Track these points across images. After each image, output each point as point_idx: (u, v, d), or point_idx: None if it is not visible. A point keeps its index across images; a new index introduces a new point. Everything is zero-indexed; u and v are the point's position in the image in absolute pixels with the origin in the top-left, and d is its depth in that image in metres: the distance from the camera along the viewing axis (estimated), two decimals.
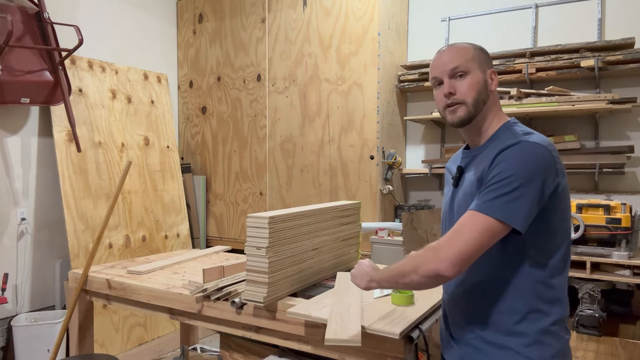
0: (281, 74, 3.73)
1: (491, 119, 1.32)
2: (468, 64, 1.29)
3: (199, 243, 4.10)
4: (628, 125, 3.02)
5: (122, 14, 3.76)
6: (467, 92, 1.28)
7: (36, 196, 3.20)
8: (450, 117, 1.31)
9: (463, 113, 1.29)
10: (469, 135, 1.36)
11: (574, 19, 3.15)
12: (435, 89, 1.34)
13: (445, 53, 1.33)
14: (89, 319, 2.42)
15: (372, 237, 3.21)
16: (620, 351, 2.51)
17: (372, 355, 1.56)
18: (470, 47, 1.32)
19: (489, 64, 1.33)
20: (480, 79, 1.29)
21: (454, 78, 1.29)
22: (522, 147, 1.19)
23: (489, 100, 1.32)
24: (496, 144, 1.26)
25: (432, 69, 1.34)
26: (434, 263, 1.16)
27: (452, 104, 1.29)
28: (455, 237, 1.17)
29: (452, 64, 1.29)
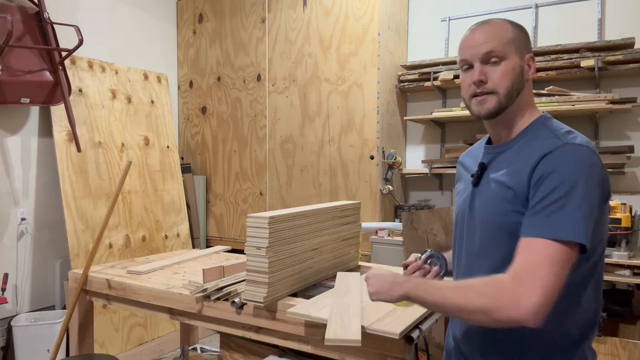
0: (281, 74, 3.73)
1: (523, 112, 1.15)
2: (505, 47, 1.11)
3: (199, 243, 4.10)
4: (628, 125, 3.02)
5: (122, 14, 3.76)
6: (500, 80, 1.11)
7: (36, 196, 3.20)
8: (476, 108, 1.14)
9: (492, 105, 1.12)
10: (495, 129, 1.19)
11: (574, 19, 3.15)
12: (462, 72, 1.17)
13: (478, 31, 1.13)
14: (89, 319, 2.42)
15: (372, 237, 3.21)
16: (620, 351, 2.51)
17: (372, 355, 1.56)
18: (509, 27, 1.13)
19: (527, 47, 1.15)
20: (517, 66, 1.12)
21: (487, 63, 1.12)
22: (573, 151, 1.03)
23: (524, 89, 1.14)
24: (530, 142, 1.11)
25: (461, 49, 1.16)
26: (515, 311, 0.96)
27: (481, 94, 1.13)
28: (532, 277, 0.97)
29: (487, 47, 1.11)
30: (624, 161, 2.84)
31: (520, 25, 1.16)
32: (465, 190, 1.26)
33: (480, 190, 1.19)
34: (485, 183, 1.18)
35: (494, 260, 1.12)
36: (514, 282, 0.98)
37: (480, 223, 1.16)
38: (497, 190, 1.13)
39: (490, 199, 1.14)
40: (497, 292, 0.99)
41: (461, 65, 1.17)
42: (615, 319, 2.73)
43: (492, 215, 1.13)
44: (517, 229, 1.07)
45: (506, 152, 1.16)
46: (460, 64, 1.17)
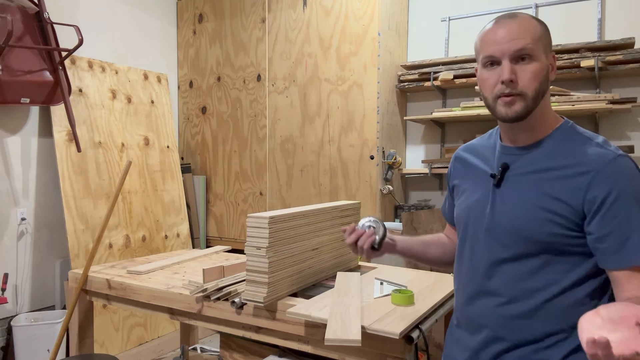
0: (281, 74, 3.73)
1: (545, 115, 1.10)
2: (535, 45, 1.03)
3: (199, 243, 4.10)
4: (628, 125, 3.02)
5: (122, 14, 3.76)
6: (530, 82, 1.03)
7: (36, 196, 3.20)
8: (504, 110, 1.06)
9: (520, 108, 1.04)
10: (516, 131, 1.12)
11: (574, 19, 3.15)
12: (485, 69, 1.08)
13: (507, 26, 1.05)
14: (89, 319, 2.42)
15: None
16: None
17: (372, 355, 1.56)
18: (536, 23, 1.06)
19: (551, 46, 1.09)
20: (545, 66, 1.05)
21: (517, 62, 1.04)
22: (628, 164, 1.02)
23: (547, 92, 1.09)
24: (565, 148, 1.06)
25: (486, 44, 1.07)
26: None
27: (510, 95, 1.04)
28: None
29: (518, 44, 1.02)
30: None
31: (545, 23, 1.10)
32: (478, 189, 1.18)
33: (503, 193, 1.12)
34: (508, 186, 1.11)
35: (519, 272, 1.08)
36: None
37: (510, 229, 1.10)
38: (533, 198, 1.06)
39: (521, 205, 1.08)
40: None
41: (485, 62, 1.08)
42: None
43: (525, 222, 1.07)
44: (552, 240, 1.04)
45: (531, 154, 1.10)
46: (484, 61, 1.08)
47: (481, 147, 1.25)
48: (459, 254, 1.26)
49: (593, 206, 1.00)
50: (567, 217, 1.03)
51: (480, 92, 1.13)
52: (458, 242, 1.27)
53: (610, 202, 0.99)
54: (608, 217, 0.99)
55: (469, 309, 1.20)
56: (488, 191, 1.15)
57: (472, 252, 1.20)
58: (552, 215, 1.03)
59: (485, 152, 1.22)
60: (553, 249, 1.05)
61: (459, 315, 1.26)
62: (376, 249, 1.34)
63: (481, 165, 1.20)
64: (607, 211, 0.99)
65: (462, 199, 1.25)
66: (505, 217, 1.10)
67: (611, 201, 0.99)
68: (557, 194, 1.03)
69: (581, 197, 1.01)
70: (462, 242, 1.25)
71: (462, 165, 1.29)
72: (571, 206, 1.02)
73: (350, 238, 1.33)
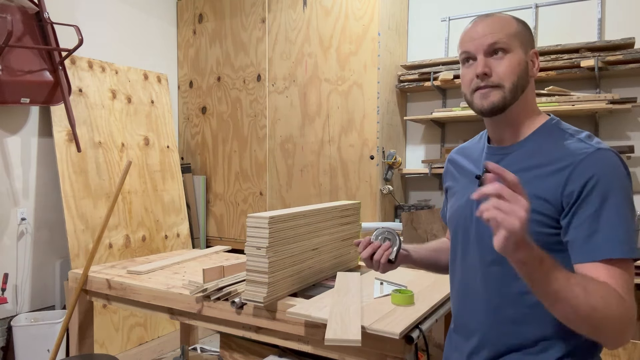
0: (281, 74, 3.73)
1: (527, 112, 1.10)
2: (510, 39, 1.05)
3: (199, 243, 4.10)
4: (628, 125, 3.02)
5: (122, 14, 3.76)
6: (505, 74, 1.04)
7: (36, 196, 3.20)
8: (479, 102, 1.07)
9: (497, 98, 1.05)
10: (499, 128, 1.12)
11: (574, 19, 3.15)
12: (463, 66, 1.11)
13: (482, 24, 1.08)
14: (89, 319, 2.42)
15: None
16: (621, 351, 2.51)
17: (372, 355, 1.56)
18: (512, 20, 1.09)
19: (531, 43, 1.10)
20: (522, 60, 1.06)
21: (491, 56, 1.06)
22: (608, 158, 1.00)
23: (528, 87, 1.09)
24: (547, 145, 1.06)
25: (462, 42, 1.10)
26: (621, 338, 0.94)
27: (485, 87, 1.06)
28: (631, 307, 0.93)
29: (491, 38, 1.05)
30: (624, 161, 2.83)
31: (524, 21, 1.12)
32: (466, 191, 1.18)
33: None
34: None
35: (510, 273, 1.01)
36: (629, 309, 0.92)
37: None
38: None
39: None
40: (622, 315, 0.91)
41: (463, 59, 1.11)
42: None
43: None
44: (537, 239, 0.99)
45: (515, 153, 1.10)
46: (462, 57, 1.11)
47: (471, 149, 1.26)
48: (452, 258, 1.25)
49: (570, 200, 0.99)
50: (549, 215, 1.01)
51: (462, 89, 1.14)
52: (451, 245, 1.26)
53: (585, 194, 0.97)
54: (581, 209, 0.97)
55: (462, 313, 1.21)
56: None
57: (463, 256, 1.19)
58: (535, 215, 1.00)
59: (474, 153, 1.22)
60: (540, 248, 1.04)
61: (454, 319, 1.26)
62: (392, 261, 1.29)
63: (470, 167, 1.20)
64: (580, 203, 0.97)
65: (452, 202, 1.25)
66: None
67: (586, 193, 0.97)
68: (539, 192, 1.02)
69: (560, 193, 1.00)
70: (454, 246, 1.24)
71: (454, 167, 1.29)
72: (552, 204, 1.01)
73: (366, 252, 1.27)
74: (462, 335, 1.20)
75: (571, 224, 0.98)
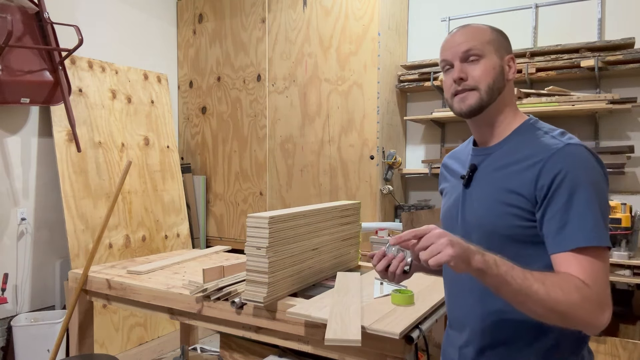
0: (281, 74, 3.73)
1: (506, 113, 1.16)
2: (483, 46, 1.13)
3: (199, 243, 4.10)
4: (628, 125, 3.02)
5: (122, 14, 3.76)
6: (480, 77, 1.12)
7: (36, 196, 3.20)
8: (458, 105, 1.15)
9: (474, 101, 1.12)
10: (480, 129, 1.20)
11: (574, 19, 3.15)
12: (444, 73, 1.19)
13: (458, 33, 1.17)
14: (89, 319, 2.42)
15: (372, 237, 3.21)
16: (620, 351, 2.51)
17: (372, 355, 1.56)
18: (487, 29, 1.17)
19: (507, 49, 1.17)
20: (497, 65, 1.13)
21: (467, 62, 1.13)
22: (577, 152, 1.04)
23: (505, 90, 1.15)
24: (524, 144, 1.12)
25: (442, 51, 1.19)
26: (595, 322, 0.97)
27: (462, 91, 1.13)
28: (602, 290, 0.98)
29: (466, 46, 1.13)
30: (624, 161, 2.84)
31: (500, 30, 1.19)
32: (454, 192, 1.25)
33: (471, 193, 1.19)
34: (476, 185, 1.18)
35: None
36: (595, 293, 0.97)
37: (476, 226, 1.15)
38: (493, 194, 1.12)
39: (485, 202, 1.14)
40: (584, 302, 0.96)
41: (442, 66, 1.19)
42: (615, 319, 2.73)
43: (489, 218, 1.12)
44: (516, 233, 1.08)
45: (496, 153, 1.16)
46: (442, 65, 1.19)
47: (461, 152, 1.32)
48: None
49: (541, 193, 1.04)
50: (525, 208, 1.07)
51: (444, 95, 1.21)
52: None
53: (554, 187, 1.03)
54: (551, 202, 1.03)
55: (453, 308, 1.27)
56: (460, 193, 1.22)
57: None
58: (512, 209, 1.08)
59: (463, 156, 1.29)
60: (518, 241, 1.09)
61: (448, 314, 1.31)
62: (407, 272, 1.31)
63: (459, 169, 1.27)
64: (551, 196, 1.03)
65: (443, 202, 1.33)
66: (472, 215, 1.17)
67: (555, 187, 1.03)
68: (514, 187, 1.08)
69: (533, 187, 1.06)
70: None
71: (446, 171, 1.36)
72: (527, 198, 1.07)
73: (381, 264, 1.27)
74: (454, 330, 1.26)
75: (544, 217, 1.04)
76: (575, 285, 0.97)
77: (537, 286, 0.95)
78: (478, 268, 0.96)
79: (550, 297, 0.95)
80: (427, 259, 0.96)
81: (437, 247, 0.95)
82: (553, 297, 0.95)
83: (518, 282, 0.95)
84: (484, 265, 0.96)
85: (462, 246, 0.96)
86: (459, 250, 0.95)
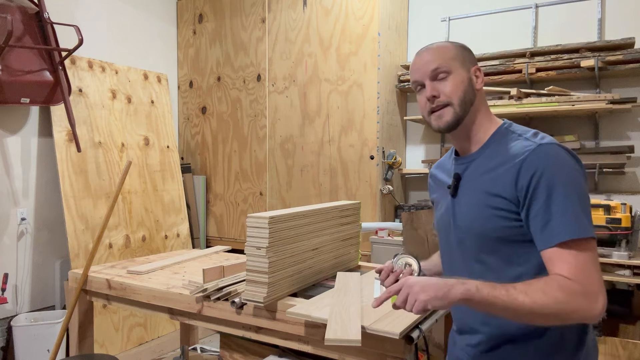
0: (281, 74, 3.73)
1: (480, 121, 1.22)
2: (449, 63, 1.18)
3: (199, 243, 4.10)
4: (628, 125, 3.02)
5: (122, 14, 3.76)
6: (451, 92, 1.17)
7: (36, 196, 3.20)
8: (436, 122, 1.20)
9: (450, 117, 1.18)
10: (458, 141, 1.26)
11: (574, 19, 3.15)
12: (417, 93, 1.24)
13: (424, 54, 1.22)
14: (89, 319, 2.42)
15: (372, 237, 3.21)
16: (621, 351, 2.51)
17: (372, 355, 1.56)
18: (450, 45, 1.23)
19: (472, 61, 1.23)
20: (465, 78, 1.19)
21: (436, 80, 1.19)
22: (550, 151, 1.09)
23: (476, 100, 1.21)
24: (500, 148, 1.17)
25: (412, 72, 1.24)
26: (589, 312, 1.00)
27: (437, 108, 1.19)
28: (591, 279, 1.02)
29: (433, 65, 1.19)
30: (624, 161, 2.84)
31: (462, 44, 1.25)
32: (443, 202, 1.30)
33: (459, 200, 1.24)
34: (462, 193, 1.23)
35: (491, 267, 1.17)
36: (580, 285, 1.01)
37: (468, 232, 1.20)
38: (479, 199, 1.17)
39: (473, 208, 1.18)
40: (571, 297, 1.00)
41: (415, 87, 1.24)
42: (615, 319, 2.73)
43: (479, 222, 1.16)
44: (506, 234, 1.13)
45: (477, 160, 1.21)
46: (414, 86, 1.24)
47: (445, 162, 1.37)
48: (442, 260, 1.37)
49: (522, 194, 1.09)
50: (509, 209, 1.12)
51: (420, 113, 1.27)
52: (440, 253, 1.37)
53: (533, 187, 1.07)
54: (533, 202, 1.08)
55: (455, 310, 1.32)
56: (449, 202, 1.27)
57: (450, 257, 1.31)
58: (497, 211, 1.13)
59: (447, 165, 1.34)
60: (509, 241, 1.14)
61: (453, 317, 1.35)
62: None
63: (445, 179, 1.32)
64: (531, 196, 1.08)
65: (436, 212, 1.37)
66: (462, 221, 1.22)
67: (533, 187, 1.07)
68: (497, 190, 1.13)
69: (513, 188, 1.11)
70: (442, 249, 1.35)
71: (434, 181, 1.40)
72: (509, 199, 1.12)
73: (390, 279, 1.33)
74: (458, 331, 1.32)
75: (529, 216, 1.09)
76: (559, 285, 1.01)
77: (521, 298, 1.00)
78: (460, 299, 1.03)
79: (537, 303, 0.99)
80: (409, 310, 1.05)
81: (412, 297, 1.05)
82: (539, 303, 0.99)
83: (503, 299, 1.01)
84: (465, 294, 1.02)
85: (435, 286, 1.04)
86: (432, 292, 1.03)
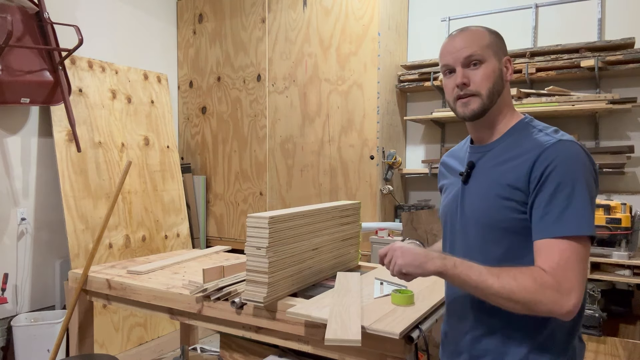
0: (281, 74, 3.73)
1: (505, 112, 1.21)
2: (484, 51, 1.16)
3: (199, 243, 4.10)
4: (628, 125, 3.02)
5: (122, 14, 3.76)
6: (482, 82, 1.16)
7: (36, 196, 3.20)
8: (462, 110, 1.19)
9: (477, 106, 1.17)
10: (478, 130, 1.24)
11: (574, 19, 3.15)
12: (445, 77, 1.22)
13: (458, 38, 1.20)
14: (89, 319, 2.42)
15: (372, 237, 3.21)
16: (621, 351, 2.51)
17: (372, 355, 1.56)
18: (486, 32, 1.20)
19: (504, 50, 1.22)
20: (496, 68, 1.18)
21: (468, 67, 1.17)
22: (567, 147, 1.09)
23: (504, 91, 1.20)
24: (519, 141, 1.17)
25: (442, 55, 1.22)
26: (557, 307, 1.02)
27: (465, 96, 1.18)
28: (569, 275, 1.02)
29: (467, 51, 1.16)
30: (624, 161, 2.84)
31: (496, 31, 1.23)
32: (453, 188, 1.30)
33: (470, 188, 1.23)
34: (474, 181, 1.23)
35: (491, 257, 1.16)
36: (554, 279, 1.03)
37: (475, 220, 1.20)
38: (491, 188, 1.17)
39: (484, 197, 1.18)
40: (541, 288, 1.02)
41: (444, 70, 1.23)
42: (615, 319, 2.73)
43: (487, 212, 1.17)
44: (513, 225, 1.13)
45: (493, 150, 1.21)
46: (443, 69, 1.23)
47: (458, 150, 1.38)
48: (443, 247, 1.37)
49: (533, 184, 1.10)
50: (521, 201, 1.12)
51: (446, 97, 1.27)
52: (442, 236, 1.38)
53: (543, 179, 1.08)
54: (539, 193, 1.09)
55: (451, 299, 1.32)
56: (459, 189, 1.27)
57: (452, 244, 1.30)
58: (509, 202, 1.13)
59: (461, 154, 1.34)
60: (514, 233, 1.14)
61: (447, 306, 1.36)
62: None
63: (457, 167, 1.32)
64: (540, 187, 1.09)
65: (443, 198, 1.37)
66: (471, 210, 1.22)
67: (544, 178, 1.08)
68: (511, 181, 1.13)
69: (527, 179, 1.11)
70: (444, 239, 1.35)
71: (445, 168, 1.40)
72: (522, 190, 1.12)
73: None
74: (452, 319, 1.32)
75: (532, 206, 1.10)
76: (532, 275, 1.03)
77: (491, 280, 1.05)
78: (435, 271, 1.10)
79: (505, 288, 1.04)
80: (391, 272, 1.14)
81: (393, 260, 1.14)
82: (507, 288, 1.03)
83: (474, 278, 1.06)
84: (441, 268, 1.09)
85: (415, 254, 1.12)
86: (410, 259, 1.12)
